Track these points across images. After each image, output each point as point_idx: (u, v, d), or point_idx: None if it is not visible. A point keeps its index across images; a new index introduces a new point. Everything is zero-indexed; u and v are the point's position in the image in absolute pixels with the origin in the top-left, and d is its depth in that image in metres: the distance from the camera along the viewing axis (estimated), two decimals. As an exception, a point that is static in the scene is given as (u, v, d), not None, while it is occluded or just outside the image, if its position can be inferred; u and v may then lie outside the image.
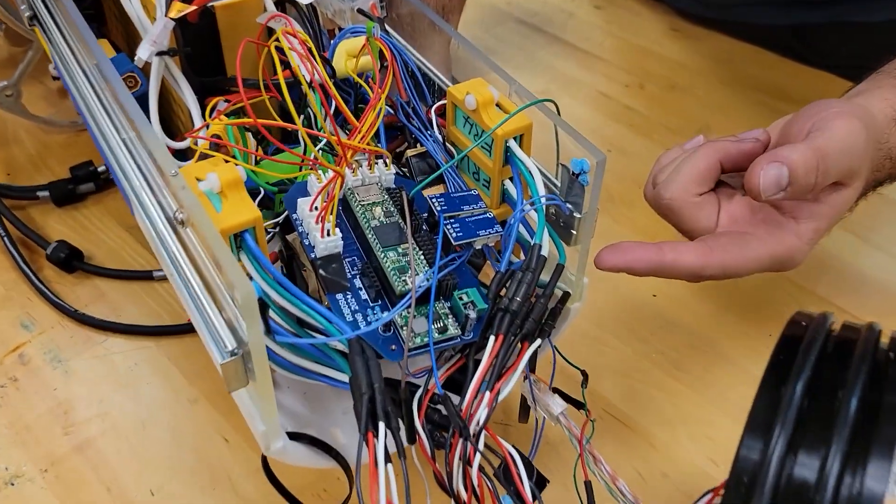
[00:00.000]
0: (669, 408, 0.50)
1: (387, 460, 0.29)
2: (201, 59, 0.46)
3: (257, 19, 0.42)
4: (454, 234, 0.35)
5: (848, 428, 0.26)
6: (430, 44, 0.58)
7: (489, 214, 0.37)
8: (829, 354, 0.29)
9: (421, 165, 0.42)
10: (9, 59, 0.72)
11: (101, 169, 0.62)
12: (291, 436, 0.37)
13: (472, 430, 0.31)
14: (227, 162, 0.34)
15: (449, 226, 0.35)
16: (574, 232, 0.39)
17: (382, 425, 0.29)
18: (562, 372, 0.38)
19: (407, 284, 0.34)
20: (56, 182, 0.62)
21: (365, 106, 0.40)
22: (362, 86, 0.41)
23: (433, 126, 0.42)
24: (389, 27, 0.47)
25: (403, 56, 0.43)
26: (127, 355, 0.52)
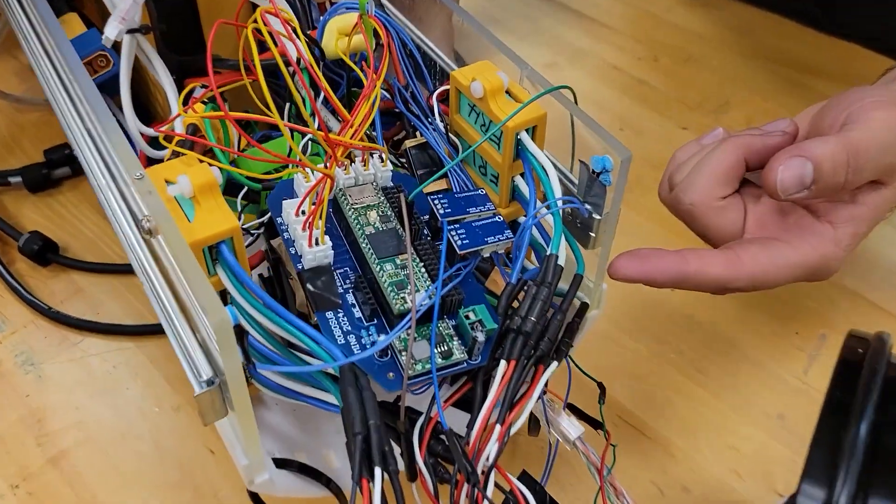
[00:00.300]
0: (689, 414, 0.46)
1: (384, 507, 0.26)
2: (178, 35, 0.41)
3: (237, -7, 0.38)
4: (459, 242, 0.31)
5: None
6: (431, 17, 0.53)
7: (498, 218, 0.33)
8: (893, 388, 0.25)
9: (421, 158, 0.37)
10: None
11: (78, 151, 0.58)
12: (279, 463, 0.33)
13: (480, 468, 0.28)
14: (201, 161, 0.30)
15: (454, 232, 0.31)
16: (593, 234, 0.35)
17: (379, 470, 0.26)
18: (573, 377, 0.35)
19: (406, 303, 0.30)
20: (29, 166, 0.58)
21: (359, 91, 0.36)
22: (354, 70, 0.36)
23: (434, 114, 0.38)
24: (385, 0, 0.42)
25: (401, 34, 0.39)
26: (105, 357, 0.48)
